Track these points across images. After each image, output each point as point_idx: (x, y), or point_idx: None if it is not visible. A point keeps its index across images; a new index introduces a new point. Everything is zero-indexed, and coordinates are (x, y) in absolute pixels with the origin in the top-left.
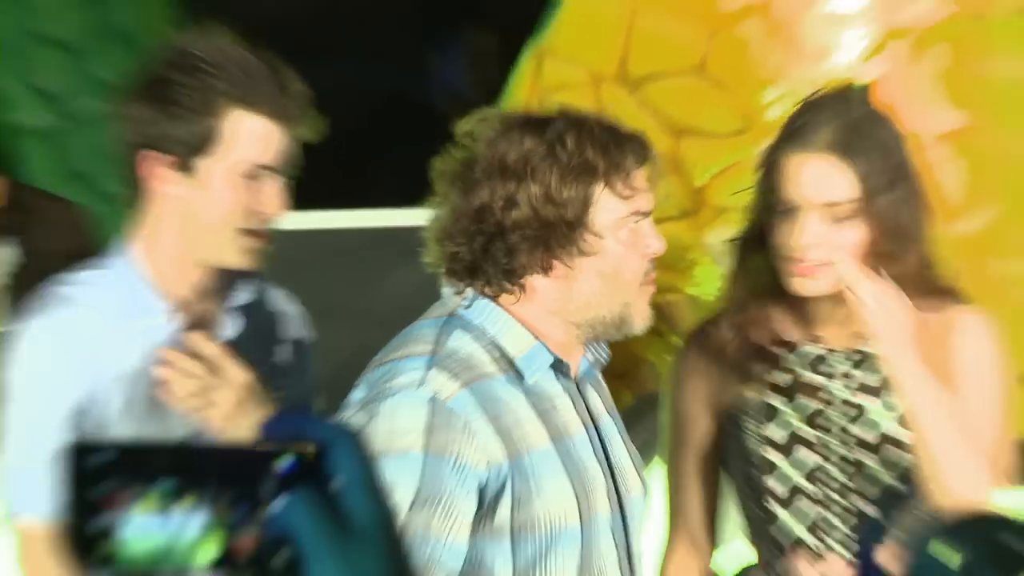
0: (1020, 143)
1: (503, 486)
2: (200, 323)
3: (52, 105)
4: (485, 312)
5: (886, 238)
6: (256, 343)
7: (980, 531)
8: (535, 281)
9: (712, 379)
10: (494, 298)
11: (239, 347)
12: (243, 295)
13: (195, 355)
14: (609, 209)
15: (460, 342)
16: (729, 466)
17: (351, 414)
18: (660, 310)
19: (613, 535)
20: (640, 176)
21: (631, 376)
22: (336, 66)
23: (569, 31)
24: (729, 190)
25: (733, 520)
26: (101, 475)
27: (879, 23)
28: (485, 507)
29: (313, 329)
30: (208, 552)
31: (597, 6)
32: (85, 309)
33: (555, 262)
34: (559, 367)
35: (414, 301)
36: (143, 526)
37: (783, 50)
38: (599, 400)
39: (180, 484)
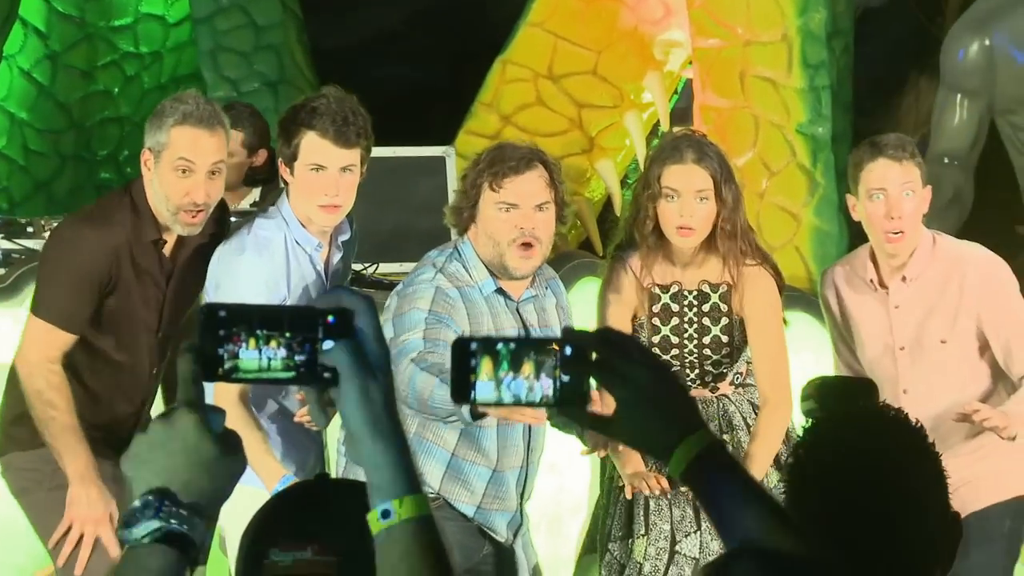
0: None
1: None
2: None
3: None
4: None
5: (727, 212)
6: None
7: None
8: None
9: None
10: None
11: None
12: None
13: None
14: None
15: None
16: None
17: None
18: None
19: None
20: (510, 182)
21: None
22: None
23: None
24: (609, 139)
25: None
26: (224, 323)
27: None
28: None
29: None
30: (283, 372)
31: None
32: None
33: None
34: (502, 292)
35: None
36: (250, 355)
37: (643, 62)
38: (532, 308)
39: (269, 332)
